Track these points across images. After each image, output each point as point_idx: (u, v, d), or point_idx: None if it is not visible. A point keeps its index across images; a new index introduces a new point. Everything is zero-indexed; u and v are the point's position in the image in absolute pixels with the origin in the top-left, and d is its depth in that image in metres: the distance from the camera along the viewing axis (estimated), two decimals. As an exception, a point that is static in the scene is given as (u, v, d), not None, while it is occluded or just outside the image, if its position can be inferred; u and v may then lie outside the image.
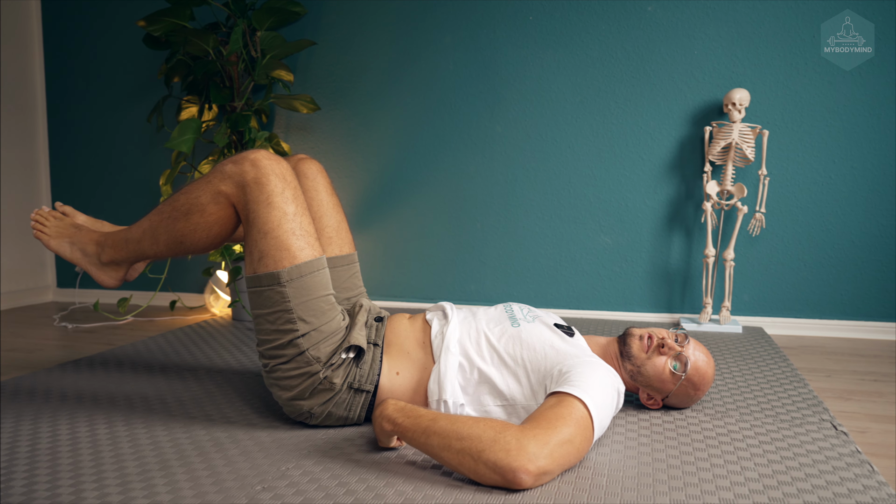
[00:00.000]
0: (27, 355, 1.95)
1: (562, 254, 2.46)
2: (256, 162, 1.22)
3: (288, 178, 1.24)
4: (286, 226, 1.21)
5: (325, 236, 1.46)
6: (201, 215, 1.27)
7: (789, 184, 2.27)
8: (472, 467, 1.01)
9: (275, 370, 1.25)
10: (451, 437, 1.03)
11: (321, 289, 1.24)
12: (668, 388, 1.34)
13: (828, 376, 1.77)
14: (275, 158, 1.24)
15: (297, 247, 1.21)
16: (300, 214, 1.23)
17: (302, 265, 1.21)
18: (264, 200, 1.21)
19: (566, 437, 1.02)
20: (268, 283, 1.21)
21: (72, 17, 2.82)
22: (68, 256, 1.44)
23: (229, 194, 1.24)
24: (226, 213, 1.26)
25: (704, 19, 2.27)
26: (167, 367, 1.77)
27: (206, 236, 1.29)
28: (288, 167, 1.25)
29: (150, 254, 1.37)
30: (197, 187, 1.27)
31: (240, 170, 1.22)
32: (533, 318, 1.34)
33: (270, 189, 1.21)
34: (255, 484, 1.06)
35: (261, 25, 2.38)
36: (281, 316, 1.21)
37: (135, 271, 1.51)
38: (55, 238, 1.44)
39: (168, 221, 1.31)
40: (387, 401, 1.15)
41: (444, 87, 2.51)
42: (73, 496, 1.02)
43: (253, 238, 1.22)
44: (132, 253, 1.38)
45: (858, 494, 1.02)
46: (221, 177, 1.24)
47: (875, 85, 2.17)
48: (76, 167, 2.90)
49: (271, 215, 1.20)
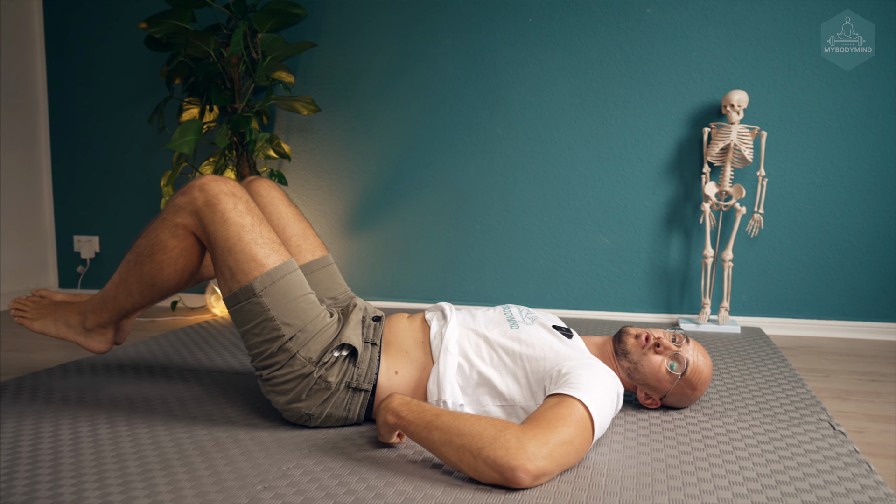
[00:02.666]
0: (29, 355, 1.95)
1: (561, 254, 2.47)
2: (204, 187, 1.24)
3: (238, 194, 1.26)
4: (246, 237, 1.23)
5: (294, 245, 1.47)
6: (164, 252, 1.29)
7: (787, 185, 2.28)
8: (472, 464, 1.02)
9: (270, 378, 1.26)
10: (453, 433, 1.04)
11: (297, 290, 1.25)
12: (665, 388, 1.34)
13: (826, 376, 1.77)
14: (221, 179, 1.26)
15: (262, 255, 1.23)
16: (258, 224, 1.25)
17: (272, 271, 1.23)
18: (219, 220, 1.23)
19: (566, 438, 1.03)
20: (244, 297, 1.23)
21: (73, 19, 2.83)
22: (54, 333, 1.43)
23: (186, 224, 1.26)
24: (187, 243, 1.28)
25: (703, 21, 2.28)
26: (168, 367, 1.78)
27: (173, 272, 1.31)
28: (235, 184, 1.27)
29: (129, 306, 1.37)
30: (155, 227, 1.30)
31: (190, 198, 1.25)
32: (532, 320, 1.35)
33: (222, 207, 1.23)
34: (255, 483, 1.06)
35: (261, 27, 2.39)
36: (265, 325, 1.23)
37: (123, 332, 1.51)
38: (38, 320, 1.44)
39: (135, 268, 1.32)
40: (392, 395, 1.16)
41: (444, 88, 2.52)
42: (74, 496, 1.02)
43: (220, 258, 1.24)
44: (112, 311, 1.39)
45: (856, 494, 1.03)
46: (175, 210, 1.26)
47: (873, 87, 2.18)
48: (78, 168, 2.90)
49: (230, 231, 1.23)
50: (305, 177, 2.67)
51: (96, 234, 2.91)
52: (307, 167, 2.67)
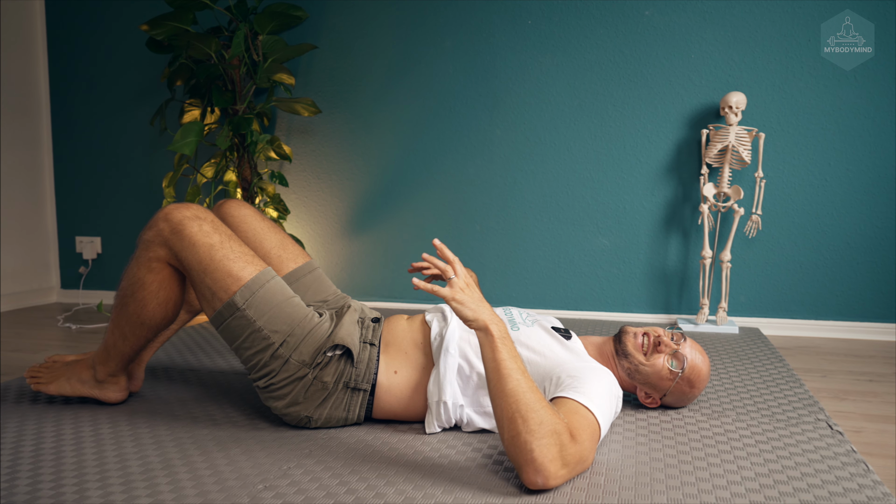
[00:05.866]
0: (31, 356, 1.96)
1: (560, 255, 2.48)
2: (167, 216, 1.26)
3: (201, 216, 1.27)
4: (217, 255, 1.24)
5: (274, 256, 1.48)
6: (143, 289, 1.30)
7: (785, 186, 2.29)
8: (513, 429, 1.01)
9: (267, 386, 1.27)
10: (521, 399, 1.02)
11: (279, 295, 1.26)
12: (665, 386, 1.35)
13: (823, 376, 1.78)
14: (183, 206, 1.28)
15: (237, 269, 1.25)
16: (226, 241, 1.27)
17: (250, 283, 1.24)
18: (188, 244, 1.25)
19: (584, 457, 1.05)
20: (228, 313, 1.24)
21: (75, 21, 2.84)
22: (69, 392, 1.45)
23: (159, 257, 1.28)
24: (163, 275, 1.30)
25: (701, 23, 2.29)
26: (170, 367, 1.78)
27: (157, 305, 1.32)
28: (198, 207, 1.29)
29: (128, 350, 1.38)
30: (131, 268, 1.31)
31: (157, 231, 1.27)
32: (532, 321, 1.36)
33: (189, 232, 1.25)
34: (257, 483, 1.07)
35: (262, 29, 2.40)
36: (254, 337, 1.24)
37: (136, 378, 1.52)
38: (53, 383, 1.45)
39: (122, 311, 1.33)
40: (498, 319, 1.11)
41: (444, 90, 2.53)
42: (76, 495, 1.03)
43: (198, 281, 1.26)
44: (117, 358, 1.40)
45: (854, 493, 1.03)
46: (146, 246, 1.28)
47: (870, 88, 2.19)
48: (80, 169, 2.91)
49: (201, 253, 1.24)
50: (306, 178, 2.68)
51: (98, 234, 2.92)
52: (308, 168, 2.67)
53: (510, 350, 1.08)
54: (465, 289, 1.09)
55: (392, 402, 1.30)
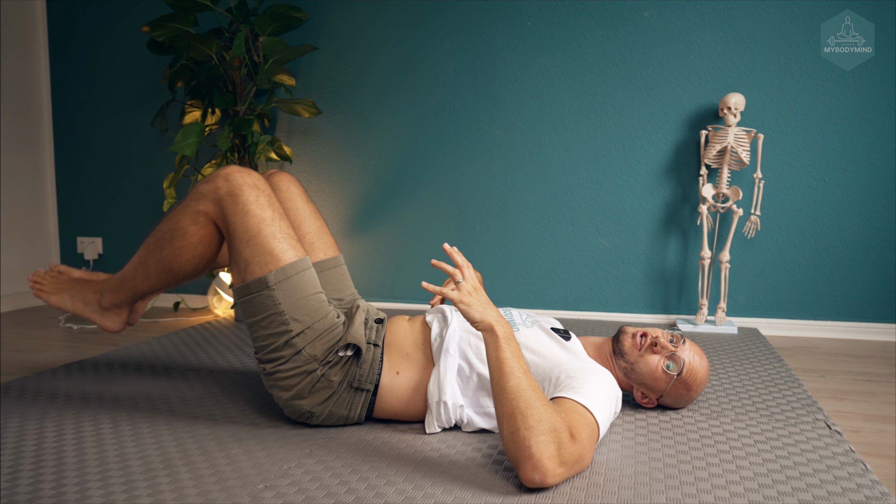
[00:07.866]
0: (33, 356, 1.97)
1: (559, 256, 2.48)
2: (228, 176, 1.26)
3: (261, 187, 1.27)
4: (266, 231, 1.24)
5: (308, 242, 1.49)
6: (184, 238, 1.30)
7: (784, 187, 2.29)
8: (512, 425, 1.02)
9: (274, 372, 1.27)
10: (521, 397, 1.03)
11: (309, 287, 1.27)
12: (661, 388, 1.36)
13: (822, 376, 1.79)
14: (245, 171, 1.28)
15: (279, 249, 1.24)
16: (278, 219, 1.27)
17: (287, 266, 1.24)
18: (241, 210, 1.24)
19: (582, 457, 1.05)
20: (257, 288, 1.24)
21: (77, 23, 2.85)
22: (70, 308, 1.45)
23: (207, 212, 1.27)
24: (207, 230, 1.30)
25: (700, 25, 2.30)
26: (171, 367, 1.79)
27: (192, 258, 1.32)
28: (259, 177, 1.29)
29: (145, 288, 1.39)
30: (177, 213, 1.31)
31: (213, 187, 1.26)
32: (531, 322, 1.36)
33: (245, 199, 1.24)
34: (257, 482, 1.08)
35: (263, 31, 2.41)
36: (274, 319, 1.24)
37: (136, 313, 1.53)
38: (55, 294, 1.46)
39: (154, 251, 1.33)
40: (503, 319, 1.12)
41: (444, 91, 2.53)
42: (78, 494, 1.03)
43: (236, 248, 1.25)
44: (129, 292, 1.41)
45: (852, 493, 1.04)
46: (198, 197, 1.28)
47: (868, 89, 2.20)
48: (81, 171, 2.92)
49: (250, 223, 1.24)
50: (306, 179, 2.68)
51: (99, 235, 2.93)
52: (308, 169, 2.68)
53: (514, 350, 1.09)
54: (472, 292, 1.11)
55: (393, 402, 1.31)
